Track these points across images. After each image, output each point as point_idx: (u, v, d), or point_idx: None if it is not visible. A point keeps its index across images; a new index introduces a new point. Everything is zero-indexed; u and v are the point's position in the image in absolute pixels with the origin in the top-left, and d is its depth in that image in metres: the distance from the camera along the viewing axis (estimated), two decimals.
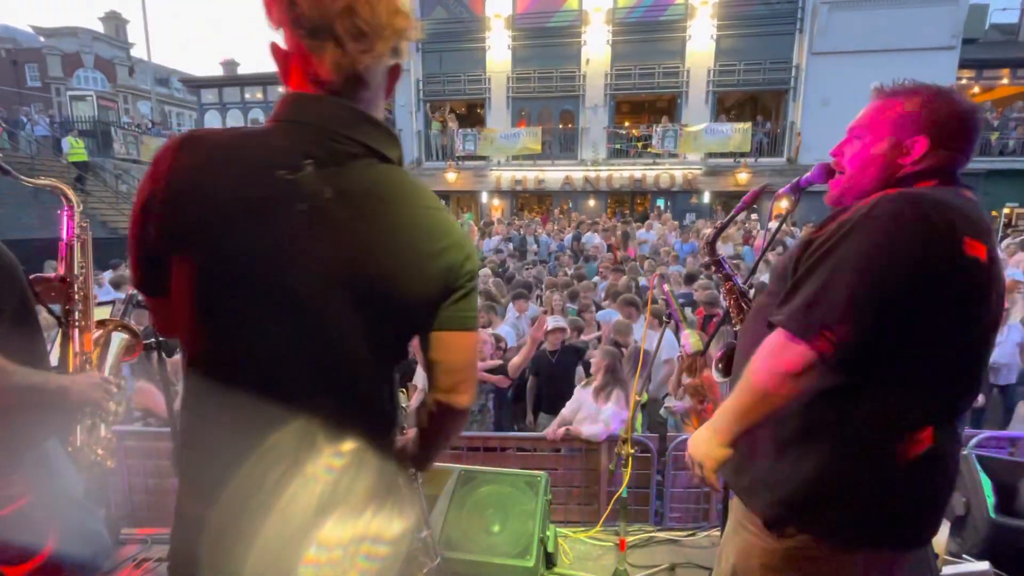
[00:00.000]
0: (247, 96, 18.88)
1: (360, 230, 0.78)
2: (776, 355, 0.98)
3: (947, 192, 1.04)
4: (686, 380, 1.47)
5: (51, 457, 1.36)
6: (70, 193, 1.54)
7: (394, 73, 0.89)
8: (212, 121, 19.78)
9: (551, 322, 4.10)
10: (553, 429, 3.40)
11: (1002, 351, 4.65)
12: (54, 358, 1.46)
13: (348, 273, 0.77)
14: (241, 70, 26.87)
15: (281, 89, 0.89)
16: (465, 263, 0.86)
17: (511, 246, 10.82)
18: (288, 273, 0.76)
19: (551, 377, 4.22)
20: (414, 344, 0.91)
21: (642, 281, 6.63)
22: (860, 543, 1.05)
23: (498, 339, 4.18)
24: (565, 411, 3.58)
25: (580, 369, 4.39)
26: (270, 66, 0.86)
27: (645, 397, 2.41)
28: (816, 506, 1.06)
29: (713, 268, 1.77)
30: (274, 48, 0.82)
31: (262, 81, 18.50)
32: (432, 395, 0.91)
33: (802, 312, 0.97)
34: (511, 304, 5.52)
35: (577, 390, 3.68)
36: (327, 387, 0.80)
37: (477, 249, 10.14)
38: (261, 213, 0.76)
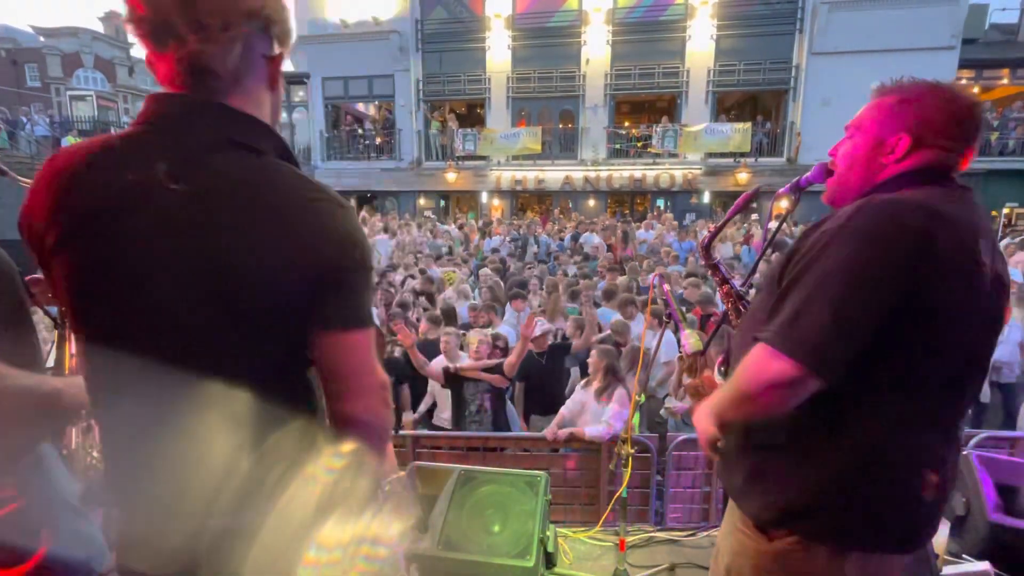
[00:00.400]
0: None
1: (216, 227, 0.74)
2: (761, 368, 0.99)
3: (934, 194, 1.01)
4: (687, 380, 1.47)
5: (44, 460, 1.35)
6: None
7: (274, 63, 0.86)
8: None
9: (538, 328, 4.09)
10: (552, 430, 3.40)
11: (1003, 350, 4.64)
12: (50, 360, 1.45)
13: (205, 272, 0.74)
14: None
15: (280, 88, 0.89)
16: (344, 258, 0.79)
17: (511, 246, 10.82)
18: (143, 277, 0.75)
19: (541, 379, 4.24)
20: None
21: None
22: (852, 545, 1.04)
23: (496, 337, 4.18)
24: (564, 411, 3.58)
25: (576, 370, 4.40)
26: None
27: (643, 397, 2.40)
28: (807, 508, 1.05)
29: (710, 272, 1.76)
30: (147, 62, 0.80)
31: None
32: (328, 404, 0.85)
33: (786, 328, 0.98)
34: (509, 304, 5.54)
35: (577, 390, 3.68)
36: (198, 391, 0.75)
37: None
38: (113, 219, 0.74)
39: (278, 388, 0.80)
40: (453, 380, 3.79)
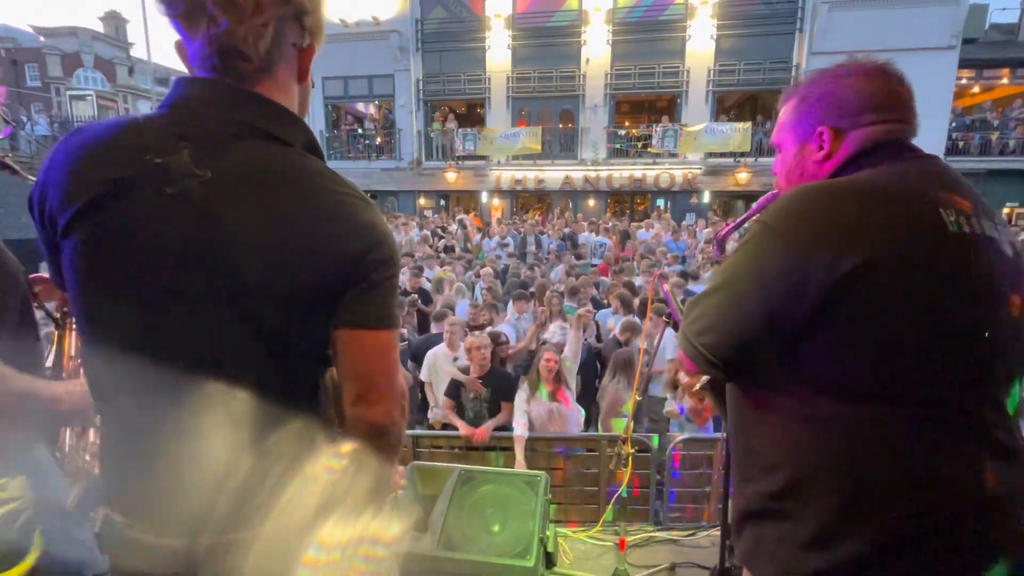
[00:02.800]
0: None
1: (235, 213, 0.72)
2: (680, 352, 1.02)
3: (875, 173, 0.90)
4: (684, 380, 1.46)
5: (39, 464, 1.35)
6: None
7: (304, 55, 0.85)
8: None
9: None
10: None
11: None
12: (49, 359, 1.45)
13: (219, 258, 0.72)
14: None
15: None
16: (371, 252, 0.77)
17: (509, 247, 10.83)
18: (156, 263, 0.73)
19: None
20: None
21: (637, 281, 6.63)
22: None
23: (496, 336, 4.19)
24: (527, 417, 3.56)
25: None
26: None
27: (636, 397, 2.40)
28: (773, 544, 0.90)
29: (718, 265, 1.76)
30: (176, 46, 0.80)
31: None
32: (344, 407, 0.81)
33: (689, 323, 0.96)
34: (511, 303, 5.55)
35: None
36: (205, 385, 0.73)
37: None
38: (127, 197, 0.72)
39: (289, 388, 0.78)
40: (452, 387, 3.80)
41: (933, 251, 0.81)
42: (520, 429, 3.41)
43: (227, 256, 0.72)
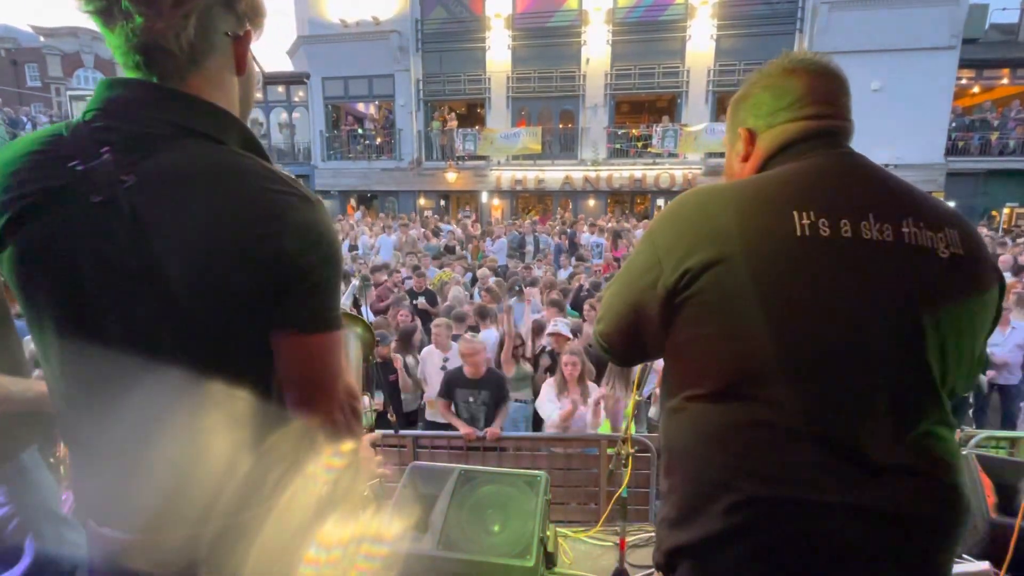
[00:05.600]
0: None
1: (162, 217, 0.70)
2: None
3: (772, 173, 0.91)
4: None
5: (28, 468, 1.35)
6: None
7: (241, 44, 0.80)
8: None
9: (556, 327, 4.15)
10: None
11: (1002, 351, 4.64)
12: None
13: (148, 264, 0.70)
14: None
15: (280, 88, 0.86)
16: (307, 252, 0.73)
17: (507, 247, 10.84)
18: (90, 272, 0.71)
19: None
20: None
21: None
22: None
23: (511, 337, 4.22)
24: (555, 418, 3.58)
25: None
26: (270, 65, 0.84)
27: (636, 397, 2.40)
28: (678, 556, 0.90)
29: None
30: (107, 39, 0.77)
31: (262, 80, 18.46)
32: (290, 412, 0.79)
33: (599, 308, 1.04)
34: (515, 299, 5.63)
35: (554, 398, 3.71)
36: (143, 387, 0.72)
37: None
38: (54, 208, 0.70)
39: (234, 390, 0.75)
40: (445, 387, 3.80)
41: (774, 253, 0.81)
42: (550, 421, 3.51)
43: (157, 261, 0.70)
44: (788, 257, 0.81)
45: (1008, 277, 6.87)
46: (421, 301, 6.35)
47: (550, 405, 3.62)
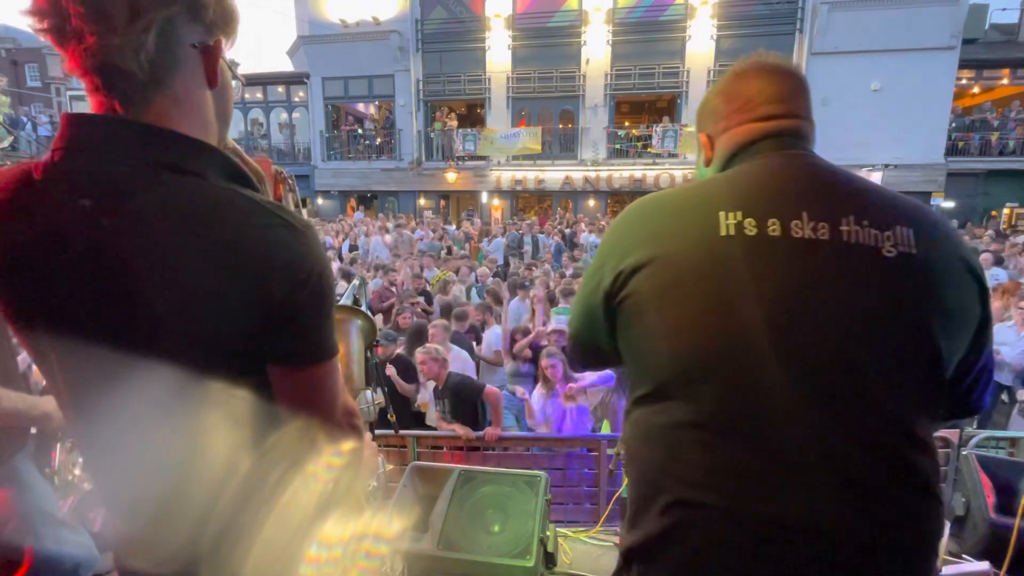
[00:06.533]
0: (246, 96, 18.88)
1: (144, 263, 0.66)
2: None
3: (701, 182, 0.93)
4: None
5: (20, 472, 1.35)
6: None
7: (210, 55, 0.74)
8: None
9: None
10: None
11: (1004, 351, 4.63)
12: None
13: (133, 312, 0.67)
14: (240, 70, 26.71)
15: (280, 88, 0.85)
16: (297, 290, 0.70)
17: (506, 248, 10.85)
18: (69, 319, 0.69)
19: None
20: None
21: None
22: None
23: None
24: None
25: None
26: (270, 66, 0.82)
27: None
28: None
29: None
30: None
31: (262, 81, 18.48)
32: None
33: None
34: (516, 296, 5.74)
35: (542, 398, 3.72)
36: (134, 394, 0.70)
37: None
38: (41, 266, 0.67)
39: (233, 391, 0.73)
40: (432, 398, 3.80)
41: (695, 254, 0.82)
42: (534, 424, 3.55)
43: (144, 306, 0.67)
44: (711, 257, 0.81)
45: (1005, 276, 6.85)
46: (421, 301, 6.36)
47: (537, 407, 3.65)
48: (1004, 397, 4.71)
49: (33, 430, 1.38)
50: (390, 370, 4.19)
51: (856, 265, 0.79)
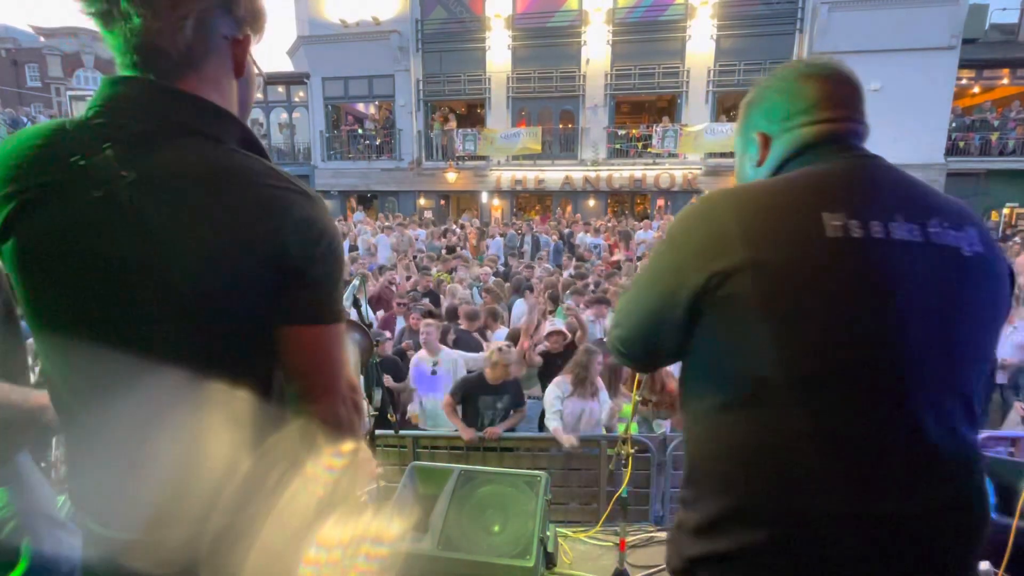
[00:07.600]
0: None
1: (163, 214, 0.71)
2: None
3: (790, 177, 0.90)
4: (653, 399, 1.40)
5: (22, 472, 1.35)
6: None
7: (240, 47, 0.82)
8: None
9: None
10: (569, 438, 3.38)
11: (1002, 351, 4.63)
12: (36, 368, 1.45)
13: (150, 260, 0.71)
14: None
15: (280, 88, 0.87)
16: (308, 248, 0.75)
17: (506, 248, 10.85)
18: (85, 262, 0.72)
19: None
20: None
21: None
22: None
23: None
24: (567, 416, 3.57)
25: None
26: (270, 66, 0.84)
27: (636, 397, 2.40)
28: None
29: None
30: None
31: (263, 80, 18.47)
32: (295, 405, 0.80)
33: (616, 314, 1.04)
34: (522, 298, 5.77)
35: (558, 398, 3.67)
36: (145, 384, 0.72)
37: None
38: (55, 202, 0.71)
39: (236, 386, 0.75)
40: (461, 389, 3.78)
41: (804, 256, 0.80)
42: (555, 423, 3.51)
43: (157, 257, 0.71)
44: (820, 259, 0.79)
45: None
46: (425, 302, 6.36)
47: (557, 402, 3.61)
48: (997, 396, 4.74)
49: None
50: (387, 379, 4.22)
51: (948, 265, 0.82)
